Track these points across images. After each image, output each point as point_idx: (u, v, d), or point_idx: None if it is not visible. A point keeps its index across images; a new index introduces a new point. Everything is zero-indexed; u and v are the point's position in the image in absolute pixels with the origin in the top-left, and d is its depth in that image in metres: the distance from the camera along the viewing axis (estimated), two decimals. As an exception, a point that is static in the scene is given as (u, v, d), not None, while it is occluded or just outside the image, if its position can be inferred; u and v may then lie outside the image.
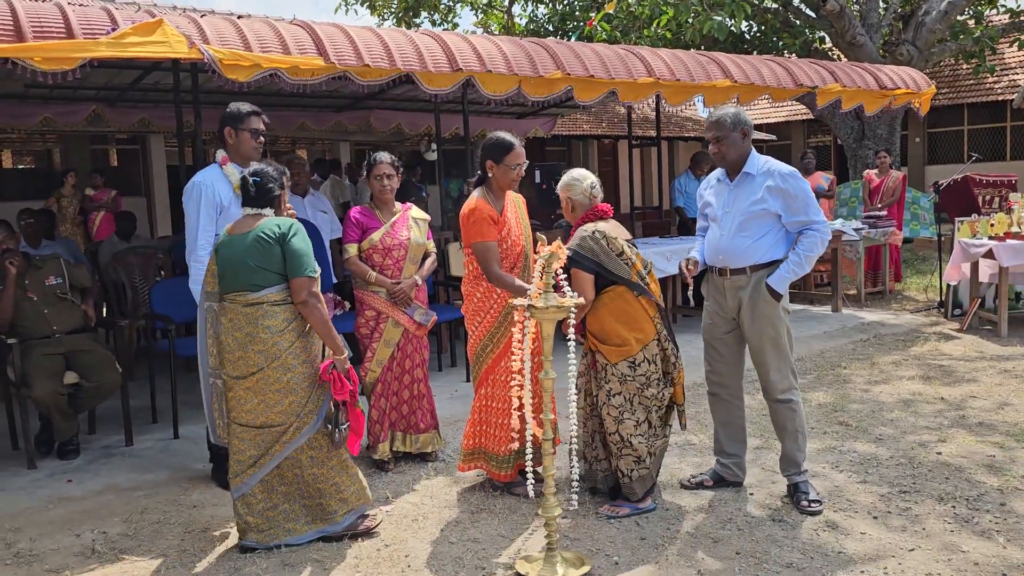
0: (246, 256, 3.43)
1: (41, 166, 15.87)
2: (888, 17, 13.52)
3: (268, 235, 3.43)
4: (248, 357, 3.42)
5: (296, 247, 3.44)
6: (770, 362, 3.84)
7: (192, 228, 4.10)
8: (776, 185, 3.73)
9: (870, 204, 10.07)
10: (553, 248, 3.23)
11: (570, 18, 15.60)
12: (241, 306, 3.43)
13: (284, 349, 3.43)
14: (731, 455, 4.06)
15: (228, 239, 3.52)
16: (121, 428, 5.13)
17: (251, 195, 3.53)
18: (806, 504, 3.75)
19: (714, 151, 3.83)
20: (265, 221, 3.49)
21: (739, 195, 3.81)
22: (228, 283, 3.47)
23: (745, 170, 3.80)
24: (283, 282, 3.45)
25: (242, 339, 3.42)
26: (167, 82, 7.50)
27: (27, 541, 3.72)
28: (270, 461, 3.49)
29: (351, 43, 4.91)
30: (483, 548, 3.50)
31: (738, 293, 3.82)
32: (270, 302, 3.43)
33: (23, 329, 4.76)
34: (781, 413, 3.88)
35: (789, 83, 7.10)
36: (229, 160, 4.23)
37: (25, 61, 3.93)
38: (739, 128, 3.77)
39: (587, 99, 5.99)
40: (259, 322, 3.41)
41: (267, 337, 3.40)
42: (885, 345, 7.04)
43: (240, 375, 3.44)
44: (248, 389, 3.45)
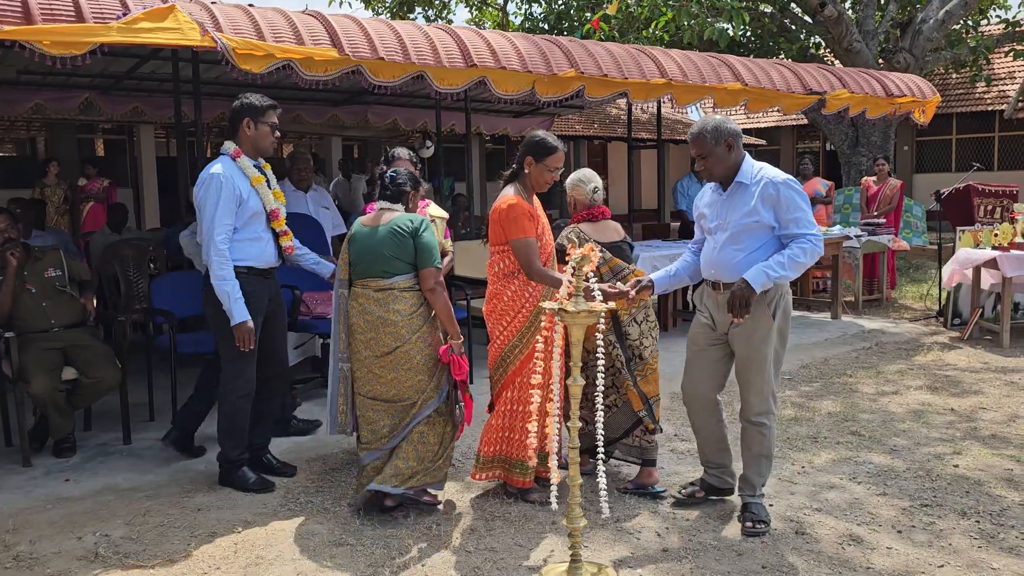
0: (381, 246, 3.73)
1: (24, 154, 15.59)
2: (885, 24, 13.55)
3: (402, 229, 3.75)
4: (380, 338, 3.72)
5: (426, 241, 3.75)
6: (752, 382, 3.67)
7: (209, 221, 3.97)
8: (768, 194, 3.52)
9: (866, 211, 10.07)
10: (585, 251, 3.13)
11: (566, 17, 15.51)
12: (373, 291, 3.74)
13: (413, 332, 3.72)
14: (717, 465, 3.90)
15: (363, 230, 3.83)
16: (117, 425, 4.99)
17: (387, 192, 3.88)
18: (749, 526, 3.60)
19: (700, 168, 3.66)
20: (398, 216, 3.80)
21: (732, 206, 3.61)
22: (361, 270, 3.78)
23: (737, 179, 3.60)
24: (412, 271, 3.76)
25: (373, 321, 3.72)
26: (163, 71, 7.36)
27: (27, 543, 3.58)
28: (400, 432, 3.76)
29: (365, 35, 4.79)
30: (501, 557, 3.41)
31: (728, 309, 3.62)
32: (399, 288, 3.73)
33: (21, 322, 4.60)
34: (751, 434, 3.71)
35: (798, 87, 7.05)
36: (242, 153, 4.12)
37: (34, 44, 3.77)
38: (722, 141, 3.56)
39: (598, 96, 5.89)
40: (390, 306, 3.71)
41: (397, 320, 3.70)
42: (888, 354, 7.01)
43: (374, 354, 3.74)
44: (383, 367, 3.74)
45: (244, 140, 4.11)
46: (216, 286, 3.96)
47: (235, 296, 3.96)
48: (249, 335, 4.01)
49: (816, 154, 22.27)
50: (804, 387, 5.98)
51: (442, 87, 5.16)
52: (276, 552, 3.47)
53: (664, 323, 8.24)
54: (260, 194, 4.12)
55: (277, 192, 4.26)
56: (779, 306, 3.62)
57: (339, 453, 4.68)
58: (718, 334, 3.73)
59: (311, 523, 3.75)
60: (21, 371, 4.44)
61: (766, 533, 3.58)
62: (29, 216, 6.75)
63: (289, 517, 3.82)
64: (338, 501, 4.00)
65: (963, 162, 18.65)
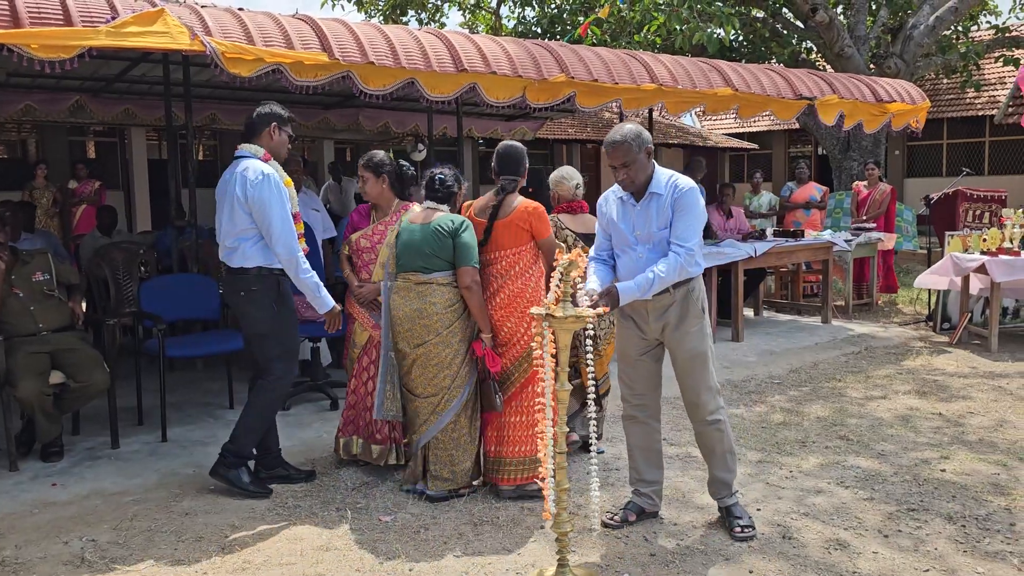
0: (423, 243, 4.01)
1: (15, 156, 15.53)
2: (876, 30, 13.61)
3: (444, 228, 4.00)
4: (415, 330, 3.98)
5: (466, 241, 3.99)
6: (699, 382, 3.61)
7: (282, 221, 3.98)
8: (676, 197, 3.49)
9: (857, 216, 10.11)
10: (572, 256, 3.13)
11: (559, 21, 15.52)
12: (413, 283, 4.02)
13: (446, 326, 3.97)
14: (651, 482, 3.80)
15: (410, 227, 4.10)
16: (105, 429, 4.98)
17: (437, 193, 4.13)
18: (739, 531, 3.58)
19: (622, 178, 3.53)
20: (441, 216, 4.06)
21: (649, 217, 3.54)
22: (404, 264, 4.06)
23: (651, 190, 3.54)
24: (450, 268, 4.01)
25: (411, 313, 3.98)
26: (154, 74, 7.34)
27: (12, 548, 3.56)
28: (430, 428, 4.02)
29: (355, 39, 4.79)
30: (489, 562, 3.41)
31: (663, 314, 3.58)
32: (438, 283, 4.00)
33: (8, 326, 4.58)
34: (710, 436, 3.65)
35: (788, 92, 7.08)
36: (270, 156, 4.14)
37: (21, 48, 3.76)
38: (644, 148, 3.50)
39: (590, 106, 5.90)
40: (427, 299, 3.97)
41: (433, 312, 3.96)
42: (877, 358, 7.04)
43: (409, 346, 4.02)
44: (414, 361, 4.01)
45: (267, 144, 4.13)
46: (307, 280, 4.08)
47: (321, 285, 4.17)
48: (339, 318, 4.25)
49: (808, 159, 22.31)
50: (793, 391, 6.00)
51: (433, 95, 5.16)
52: (264, 557, 3.46)
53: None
54: (291, 196, 4.16)
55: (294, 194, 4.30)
56: (702, 300, 3.63)
57: (328, 457, 4.68)
58: (648, 341, 3.68)
59: (299, 528, 3.75)
60: (8, 375, 4.43)
61: (755, 537, 3.59)
62: (18, 219, 6.71)
63: (277, 522, 3.82)
64: (326, 506, 3.99)
65: (954, 167, 18.73)
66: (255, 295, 4.07)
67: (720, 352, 7.37)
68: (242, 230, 4.02)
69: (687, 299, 3.58)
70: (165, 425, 5.05)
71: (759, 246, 7.94)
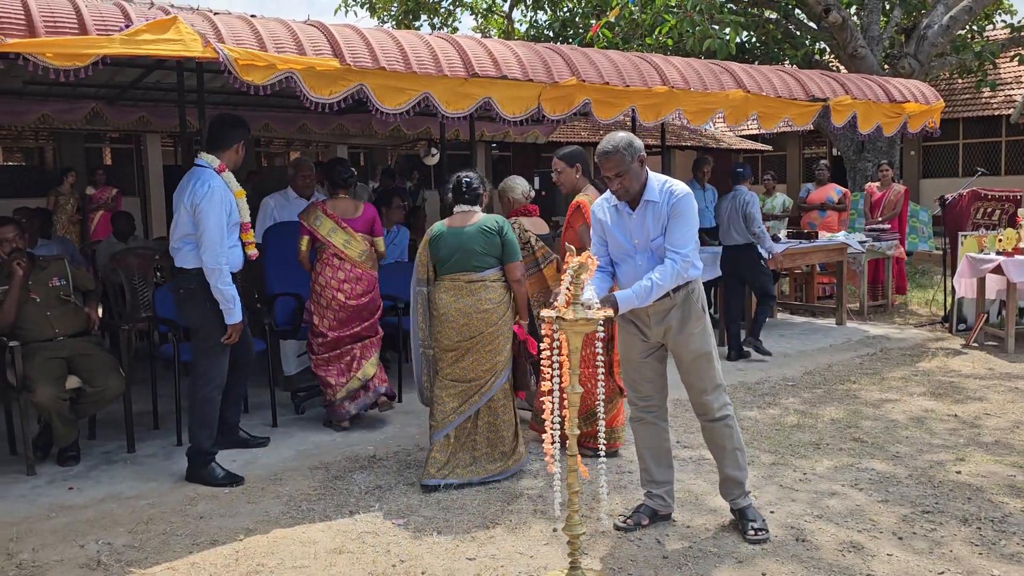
0: (473, 243, 4.30)
1: (33, 164, 15.69)
2: (890, 30, 13.53)
3: (490, 228, 4.33)
4: (471, 324, 4.27)
5: (511, 239, 4.38)
6: (706, 380, 3.62)
7: (217, 231, 4.28)
8: (672, 204, 3.49)
9: (871, 217, 10.06)
10: (582, 259, 3.14)
11: (571, 24, 15.53)
12: (464, 283, 4.30)
13: (500, 316, 4.32)
14: (662, 483, 3.80)
15: (451, 230, 4.36)
16: (121, 434, 5.02)
17: (466, 196, 4.42)
18: (752, 534, 3.58)
19: (616, 187, 3.52)
20: (484, 217, 4.39)
21: (645, 224, 3.54)
22: (452, 265, 4.32)
23: (646, 198, 3.52)
24: (498, 265, 4.36)
25: (465, 309, 4.27)
26: (168, 81, 7.39)
27: (29, 552, 3.60)
28: (468, 410, 4.31)
29: (367, 44, 4.81)
30: (501, 564, 3.41)
31: (665, 318, 3.58)
32: (489, 279, 4.33)
33: (25, 331, 4.63)
34: (719, 432, 3.65)
35: (801, 94, 7.05)
36: (226, 167, 4.46)
37: (36, 57, 3.80)
38: (636, 156, 3.48)
39: (606, 118, 5.90)
40: (481, 295, 4.29)
41: (489, 308, 4.29)
42: (892, 360, 7.00)
43: (462, 339, 4.28)
44: (468, 350, 4.29)
45: (230, 157, 4.48)
46: (223, 290, 4.32)
47: (237, 299, 4.40)
48: (239, 331, 4.48)
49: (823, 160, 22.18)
50: (806, 393, 5.97)
51: (448, 111, 5.18)
52: (277, 560, 3.48)
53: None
54: (240, 207, 4.49)
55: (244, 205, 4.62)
56: (702, 300, 3.64)
57: (341, 461, 4.70)
58: (651, 344, 3.68)
59: (312, 531, 3.77)
60: (25, 380, 4.47)
61: (768, 540, 3.58)
62: (34, 225, 6.78)
63: (291, 525, 3.84)
64: (339, 509, 4.01)
65: (970, 167, 18.58)
66: (190, 293, 4.39)
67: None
68: (185, 234, 4.35)
69: (687, 301, 3.58)
70: (180, 429, 5.09)
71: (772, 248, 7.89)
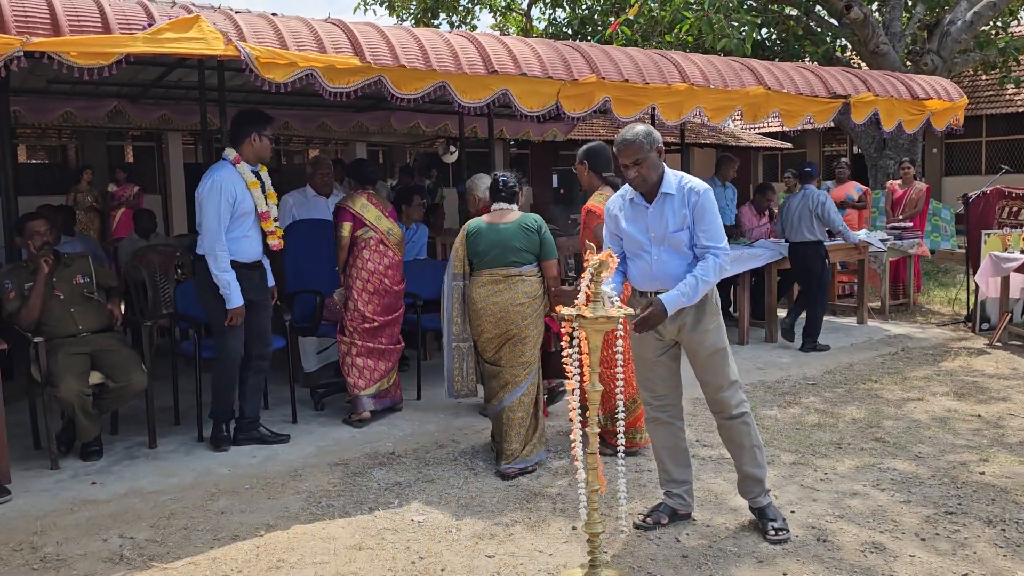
0: (512, 239, 4.48)
1: (56, 161, 15.85)
2: (912, 26, 13.40)
3: (530, 226, 4.52)
4: (508, 317, 4.43)
5: (548, 237, 4.56)
6: (722, 377, 3.60)
7: (215, 221, 4.60)
8: (693, 201, 3.49)
9: (892, 215, 9.97)
10: (603, 257, 3.13)
11: (589, 22, 15.49)
12: (502, 276, 4.47)
13: (535, 310, 4.48)
14: (681, 482, 3.79)
15: (489, 226, 4.54)
16: (143, 429, 5.06)
17: (503, 194, 4.60)
18: (773, 533, 3.55)
19: (634, 176, 3.51)
20: (523, 215, 4.58)
21: (662, 216, 3.53)
22: (491, 260, 4.49)
23: (663, 190, 3.53)
24: (534, 262, 4.53)
25: (503, 303, 4.44)
26: (190, 79, 7.45)
27: (53, 545, 3.64)
28: (509, 395, 4.48)
29: (386, 42, 4.82)
30: (520, 562, 3.41)
31: (679, 316, 3.54)
32: (525, 274, 4.50)
33: (49, 327, 4.68)
34: (737, 430, 3.62)
35: (822, 91, 6.99)
36: (242, 159, 4.74)
37: (62, 56, 3.84)
38: (655, 147, 3.49)
39: (626, 116, 5.87)
40: (518, 288, 4.46)
41: (525, 302, 4.45)
42: (914, 359, 6.93)
43: (499, 332, 4.46)
44: (505, 341, 4.46)
45: (248, 150, 4.75)
46: (219, 275, 4.64)
47: (234, 285, 4.67)
48: (240, 316, 4.75)
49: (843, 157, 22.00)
50: (827, 393, 5.93)
51: (465, 100, 5.18)
52: (298, 556, 3.50)
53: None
54: (253, 197, 4.75)
55: (271, 194, 4.90)
56: (716, 297, 3.64)
57: (361, 458, 4.72)
58: (665, 343, 3.66)
59: (332, 527, 3.78)
60: (49, 375, 4.52)
61: (789, 540, 3.55)
62: (58, 222, 6.85)
63: (311, 521, 3.85)
64: (359, 505, 4.03)
65: (993, 164, 18.38)
66: (201, 278, 4.74)
67: (753, 353, 7.31)
68: (199, 224, 4.72)
69: (703, 298, 3.55)
70: (201, 425, 5.12)
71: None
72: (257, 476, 4.46)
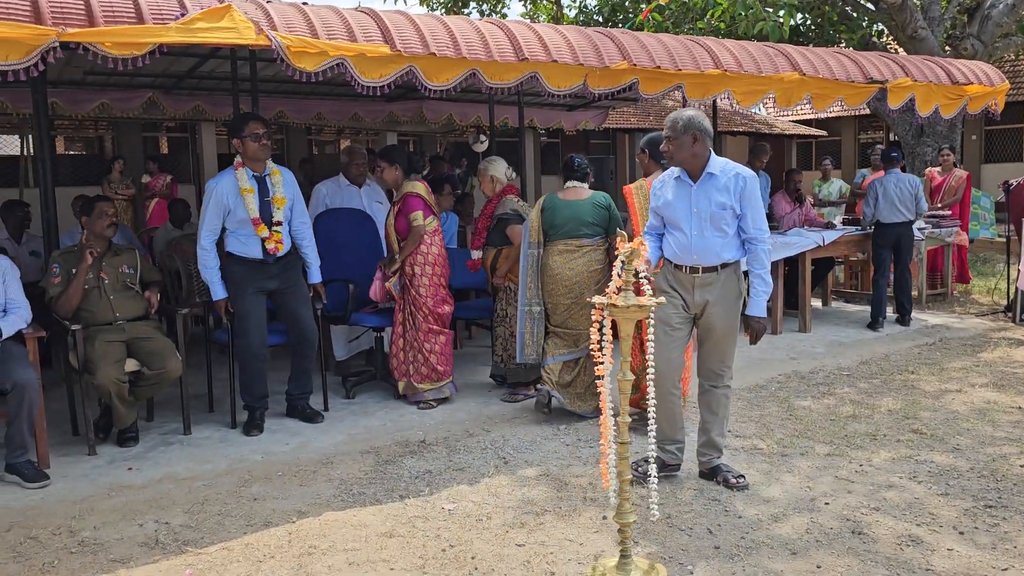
0: (585, 214, 5.08)
1: (92, 152, 16.07)
2: (952, 10, 13.10)
3: (601, 203, 5.14)
4: (582, 282, 5.02)
5: (616, 213, 5.16)
6: (727, 354, 4.06)
7: (202, 225, 4.95)
8: (739, 186, 3.88)
9: (931, 203, 9.78)
10: (634, 245, 3.10)
11: (620, 9, 15.36)
12: (575, 246, 5.07)
13: (603, 276, 4.94)
14: (674, 441, 4.14)
15: (564, 201, 5.15)
16: (178, 416, 5.13)
17: (576, 174, 5.20)
18: (734, 480, 3.97)
19: (665, 149, 4.00)
20: (595, 193, 5.19)
21: (705, 195, 3.90)
22: (566, 232, 5.07)
23: (708, 171, 3.92)
24: (603, 235, 5.11)
25: (578, 268, 5.04)
26: (222, 70, 7.51)
27: (91, 530, 3.70)
28: (576, 354, 5.05)
29: (417, 31, 4.81)
30: (550, 551, 3.41)
31: (706, 290, 3.94)
32: (595, 246, 5.09)
33: (87, 315, 4.75)
34: (719, 400, 4.08)
35: (859, 76, 6.86)
36: (242, 164, 4.93)
37: (96, 46, 3.88)
38: (689, 132, 3.86)
39: (652, 92, 5.82)
40: (590, 256, 5.06)
41: (595, 268, 5.05)
42: (952, 350, 6.81)
43: (573, 296, 5.02)
44: (576, 304, 5.01)
45: (241, 154, 4.94)
46: (201, 271, 5.00)
47: (212, 280, 4.99)
48: (221, 308, 5.01)
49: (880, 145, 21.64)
50: (863, 383, 5.84)
51: (493, 82, 5.16)
52: (329, 542, 3.52)
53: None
54: (245, 204, 4.90)
55: (277, 199, 5.00)
56: (742, 280, 4.05)
57: (391, 446, 4.74)
58: (688, 316, 4.04)
59: (363, 514, 3.80)
60: (86, 362, 4.59)
61: (748, 487, 3.95)
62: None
63: (342, 508, 3.88)
64: (390, 493, 4.04)
65: (1035, 152, 17.98)
66: (225, 272, 5.02)
67: (787, 343, 7.23)
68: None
69: (730, 279, 3.97)
70: (235, 412, 5.18)
71: (827, 235, 7.76)
72: (289, 463, 4.50)
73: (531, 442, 4.74)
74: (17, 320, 4.43)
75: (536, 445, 4.70)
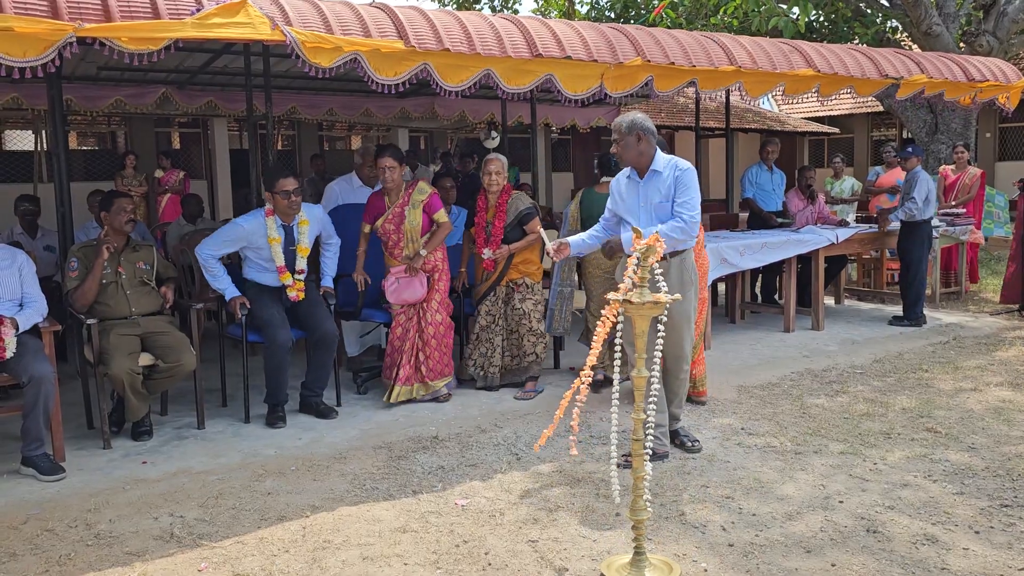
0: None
1: (104, 147, 16.13)
2: (967, 6, 13.01)
3: None
4: (615, 266, 5.03)
5: None
6: (685, 338, 4.35)
7: (214, 242, 5.15)
8: (676, 177, 4.18)
9: (944, 201, 9.72)
10: (650, 241, 3.09)
11: (633, 5, 15.32)
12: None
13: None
14: (656, 425, 4.12)
15: (599, 195, 5.45)
16: (192, 411, 5.15)
17: (610, 169, 5.45)
18: (690, 444, 4.43)
19: (614, 150, 4.33)
20: None
21: (649, 191, 4.25)
22: (594, 222, 4.91)
23: (652, 168, 4.24)
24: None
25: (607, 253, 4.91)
26: (236, 65, 7.53)
27: (106, 523, 3.72)
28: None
29: (431, 26, 4.81)
30: (564, 548, 3.40)
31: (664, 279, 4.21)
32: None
33: (104, 309, 4.77)
34: (680, 382, 4.48)
35: (874, 73, 6.82)
36: (272, 212, 5.11)
37: (112, 41, 3.90)
38: (633, 132, 4.20)
39: (666, 90, 5.81)
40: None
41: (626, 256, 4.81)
42: (967, 348, 6.77)
43: (610, 282, 5.23)
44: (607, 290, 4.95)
45: (273, 204, 5.10)
46: (209, 282, 5.21)
47: (223, 287, 5.15)
48: (236, 306, 5.09)
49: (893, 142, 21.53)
50: (876, 382, 5.82)
51: (510, 87, 5.19)
52: (343, 537, 3.53)
53: (732, 316, 8.11)
54: (272, 252, 5.10)
55: (302, 248, 5.19)
56: (693, 269, 4.37)
57: (404, 441, 4.74)
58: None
59: (377, 509, 3.81)
60: (101, 354, 4.61)
61: (702, 449, 4.41)
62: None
63: (356, 503, 3.89)
64: (403, 488, 4.05)
65: (1050, 149, 17.84)
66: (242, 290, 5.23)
67: (800, 340, 7.21)
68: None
69: (682, 266, 4.29)
70: (248, 407, 5.20)
71: (840, 232, 7.72)
72: (303, 458, 4.51)
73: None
74: (33, 314, 4.46)
75: (549, 441, 4.69)
